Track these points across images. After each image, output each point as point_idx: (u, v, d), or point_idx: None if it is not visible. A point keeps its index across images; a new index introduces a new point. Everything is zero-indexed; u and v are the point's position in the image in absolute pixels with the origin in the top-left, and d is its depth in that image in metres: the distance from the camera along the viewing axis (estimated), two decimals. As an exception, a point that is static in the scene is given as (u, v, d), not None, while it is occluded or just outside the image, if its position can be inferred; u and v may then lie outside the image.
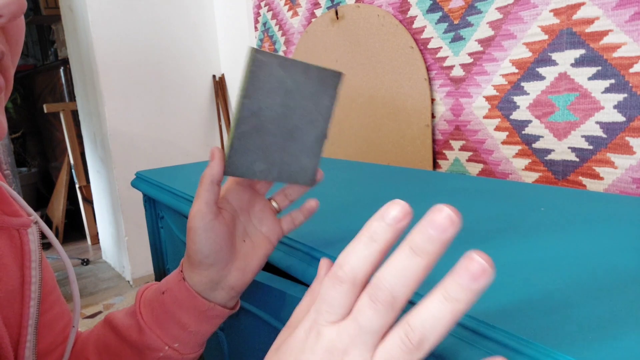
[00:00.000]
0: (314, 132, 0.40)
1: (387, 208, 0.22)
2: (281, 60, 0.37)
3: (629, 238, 0.43)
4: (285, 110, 0.38)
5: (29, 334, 0.38)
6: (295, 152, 0.39)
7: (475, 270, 0.20)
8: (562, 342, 0.27)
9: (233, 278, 0.40)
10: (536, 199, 0.58)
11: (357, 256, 0.23)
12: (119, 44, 1.99)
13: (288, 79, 0.37)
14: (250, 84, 0.36)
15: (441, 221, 0.21)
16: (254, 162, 0.38)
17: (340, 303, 0.24)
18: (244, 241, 0.41)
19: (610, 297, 0.32)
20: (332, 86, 0.39)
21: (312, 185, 0.42)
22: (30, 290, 0.39)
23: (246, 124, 0.37)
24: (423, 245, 0.21)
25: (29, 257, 0.39)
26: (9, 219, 0.38)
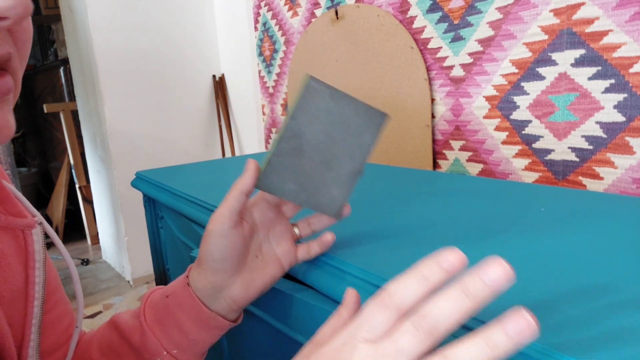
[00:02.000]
0: (350, 166, 0.40)
1: (446, 254, 0.24)
2: (333, 92, 0.39)
3: (629, 238, 0.43)
4: (327, 140, 0.39)
5: (33, 333, 0.39)
6: (328, 182, 0.40)
7: (522, 326, 0.21)
8: (562, 341, 0.27)
9: (236, 290, 0.40)
10: (536, 199, 0.58)
11: (408, 289, 0.25)
12: (119, 44, 1.99)
13: (335, 110, 0.39)
14: (299, 107, 0.38)
15: (497, 275, 0.22)
16: (286, 182, 0.39)
17: (382, 327, 0.25)
18: (256, 257, 0.41)
19: (611, 297, 0.32)
20: (377, 125, 0.41)
21: (337, 218, 0.42)
22: (34, 290, 0.39)
23: (287, 144, 0.38)
24: (474, 290, 0.23)
25: (33, 257, 0.39)
26: (13, 219, 0.38)
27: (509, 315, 0.22)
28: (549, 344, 0.27)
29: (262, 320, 0.51)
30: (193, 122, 2.23)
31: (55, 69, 2.92)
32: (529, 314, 0.21)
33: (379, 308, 0.25)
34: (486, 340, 0.22)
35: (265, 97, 1.93)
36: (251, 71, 1.98)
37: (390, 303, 0.25)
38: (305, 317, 0.45)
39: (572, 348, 0.26)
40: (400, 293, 0.25)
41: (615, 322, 0.29)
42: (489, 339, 0.22)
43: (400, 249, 0.44)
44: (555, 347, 0.26)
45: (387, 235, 0.48)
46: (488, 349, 0.22)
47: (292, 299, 0.46)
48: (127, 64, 2.02)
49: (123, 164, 2.04)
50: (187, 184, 0.81)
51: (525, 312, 0.21)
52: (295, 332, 0.47)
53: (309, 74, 0.38)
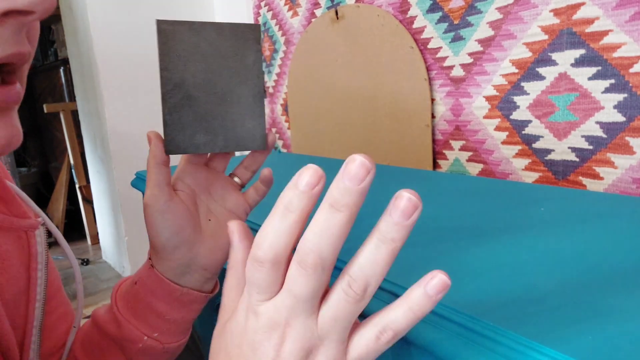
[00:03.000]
0: (249, 91, 0.38)
1: (300, 175, 0.22)
2: (189, 25, 0.36)
3: (629, 238, 0.43)
4: (209, 75, 0.36)
5: (34, 335, 0.38)
6: (235, 117, 0.37)
7: (406, 207, 0.21)
8: (562, 341, 0.27)
9: (203, 259, 0.39)
10: (536, 199, 0.58)
11: (275, 232, 0.22)
12: (119, 44, 1.99)
13: (202, 43, 0.36)
14: (164, 55, 0.35)
15: (356, 171, 0.20)
16: (194, 135, 0.36)
17: (267, 283, 0.23)
18: (209, 220, 0.40)
19: (611, 297, 0.32)
20: (253, 40, 0.37)
21: (264, 148, 0.39)
22: (36, 292, 0.39)
23: (173, 97, 0.36)
24: (342, 199, 0.21)
25: (35, 258, 0.39)
26: (17, 220, 0.38)
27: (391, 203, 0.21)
28: (547, 342, 0.27)
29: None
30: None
31: (55, 69, 2.92)
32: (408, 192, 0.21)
33: (254, 266, 0.23)
34: (380, 237, 0.22)
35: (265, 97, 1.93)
36: (251, 71, 1.97)
37: (262, 255, 0.23)
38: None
39: (573, 348, 0.26)
40: (268, 239, 0.22)
41: (615, 322, 0.29)
42: (382, 236, 0.22)
43: (400, 249, 0.44)
44: (555, 347, 0.26)
45: (387, 235, 0.48)
46: (384, 245, 0.22)
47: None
48: (127, 64, 2.02)
49: (123, 164, 2.04)
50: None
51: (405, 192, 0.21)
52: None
53: (157, 19, 0.35)
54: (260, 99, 0.38)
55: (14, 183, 0.40)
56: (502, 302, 0.32)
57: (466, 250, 0.43)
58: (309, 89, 1.58)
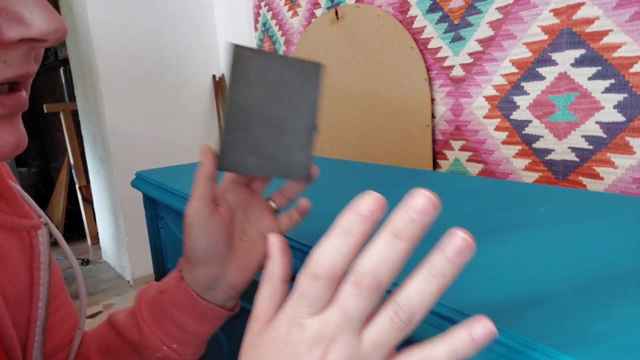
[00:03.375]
0: (303, 124, 0.39)
1: (362, 200, 0.23)
2: (259, 54, 0.38)
3: (629, 238, 0.43)
4: (270, 103, 0.38)
5: (37, 335, 0.39)
6: (286, 146, 0.39)
7: (460, 245, 0.21)
8: (562, 341, 0.27)
9: (232, 277, 0.40)
10: (536, 199, 0.58)
11: (334, 251, 0.23)
12: (119, 44, 1.99)
13: (269, 72, 0.38)
14: (233, 78, 0.37)
15: (423, 205, 0.21)
16: (245, 156, 0.38)
17: (319, 298, 0.24)
18: (242, 240, 0.41)
19: (611, 297, 0.32)
20: (314, 77, 0.39)
21: (307, 180, 0.40)
22: (39, 292, 0.39)
23: (234, 119, 0.38)
24: (404, 229, 0.22)
25: (38, 258, 0.39)
26: (20, 220, 0.38)
27: (445, 239, 0.22)
28: (548, 342, 0.27)
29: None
30: (193, 122, 2.23)
31: (55, 69, 2.92)
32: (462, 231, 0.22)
33: (310, 280, 0.24)
34: (430, 271, 0.22)
35: (265, 97, 1.93)
36: (251, 71, 1.97)
37: (320, 271, 0.23)
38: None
39: (572, 348, 0.26)
40: (327, 257, 0.23)
41: (615, 322, 0.29)
42: (434, 270, 0.22)
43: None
44: (555, 347, 0.26)
45: (387, 235, 0.48)
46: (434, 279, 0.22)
47: (292, 299, 0.46)
48: (127, 64, 2.02)
49: (123, 164, 2.04)
50: (187, 184, 0.81)
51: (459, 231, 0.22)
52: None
53: (232, 42, 0.37)
54: (312, 133, 0.40)
55: (17, 184, 0.41)
56: (502, 302, 0.32)
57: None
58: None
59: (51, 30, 0.25)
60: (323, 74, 0.40)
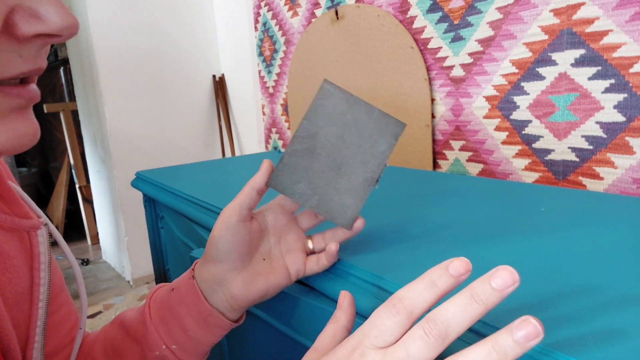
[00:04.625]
0: (364, 173, 0.40)
1: (452, 262, 0.25)
2: (347, 96, 0.39)
3: (629, 238, 0.43)
4: (340, 143, 0.39)
5: (37, 335, 0.39)
6: (340, 188, 0.40)
7: (531, 332, 0.22)
8: (562, 341, 0.27)
9: (236, 287, 0.40)
10: (536, 199, 0.58)
11: (418, 294, 0.25)
12: (119, 44, 1.99)
13: (349, 114, 0.39)
14: (313, 109, 0.39)
15: (504, 278, 0.23)
16: (297, 183, 0.39)
17: (392, 332, 0.25)
18: (263, 259, 0.41)
19: (611, 297, 0.32)
20: (392, 134, 0.40)
21: (348, 228, 0.40)
22: (39, 292, 0.39)
23: (300, 144, 0.39)
24: (483, 294, 0.23)
25: (38, 259, 0.39)
26: (19, 221, 0.38)
27: (516, 321, 0.22)
28: (548, 343, 0.27)
29: (263, 320, 0.51)
30: (193, 122, 2.23)
31: (55, 69, 2.92)
32: (535, 319, 0.22)
33: (389, 313, 0.26)
34: (494, 345, 0.23)
35: (265, 97, 1.93)
36: (251, 71, 1.98)
37: (401, 308, 0.25)
38: (306, 318, 0.45)
39: (571, 347, 0.26)
40: (410, 298, 0.25)
41: (616, 322, 0.29)
42: (498, 345, 0.22)
43: (400, 249, 0.44)
44: (555, 347, 0.26)
45: (387, 235, 0.48)
46: (496, 354, 0.22)
47: (293, 300, 0.46)
48: (127, 64, 2.02)
49: (123, 164, 2.04)
50: (187, 184, 0.81)
51: (532, 318, 0.22)
52: (295, 332, 0.47)
53: (325, 78, 0.39)
54: (369, 185, 0.40)
55: (16, 184, 0.40)
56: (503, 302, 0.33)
57: (466, 250, 0.43)
58: (309, 89, 1.58)
59: (66, 25, 0.25)
60: (402, 133, 0.40)
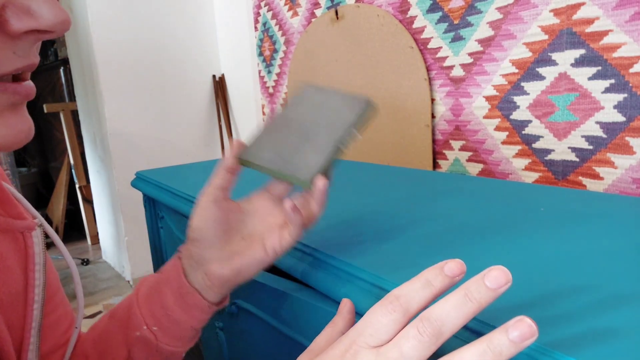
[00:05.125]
0: (328, 136, 0.41)
1: (447, 263, 0.26)
2: (322, 88, 0.44)
3: (629, 238, 0.43)
4: (309, 118, 0.43)
5: (32, 336, 0.38)
6: (306, 151, 0.41)
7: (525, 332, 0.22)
8: (561, 341, 0.27)
9: (209, 265, 0.40)
10: (536, 199, 0.58)
11: (414, 292, 0.26)
12: (119, 44, 1.99)
13: (321, 98, 0.43)
14: (292, 101, 0.44)
15: (497, 277, 0.24)
16: (264, 151, 0.41)
17: (387, 330, 0.25)
18: (242, 238, 0.41)
19: (611, 297, 0.32)
20: (360, 107, 0.42)
21: (309, 183, 0.39)
22: (34, 293, 0.39)
23: (274, 125, 0.42)
24: (477, 293, 0.24)
25: (32, 260, 0.39)
26: (13, 221, 0.38)
27: (511, 321, 0.23)
28: (548, 342, 0.27)
29: (262, 319, 0.51)
30: (193, 122, 2.23)
31: (55, 69, 2.92)
32: (530, 319, 0.22)
33: (385, 311, 0.26)
34: (489, 344, 0.23)
35: (265, 97, 1.93)
36: (251, 71, 1.98)
37: (397, 305, 0.25)
38: (305, 317, 0.45)
39: (570, 346, 0.26)
40: (406, 296, 0.25)
41: (615, 322, 0.29)
42: (493, 344, 0.23)
43: (400, 249, 0.44)
44: (555, 347, 0.26)
45: (387, 235, 0.48)
46: (491, 353, 0.22)
47: (292, 299, 0.46)
48: (127, 64, 2.02)
49: (123, 164, 2.04)
50: (187, 184, 0.81)
51: (527, 318, 0.22)
52: (294, 332, 0.47)
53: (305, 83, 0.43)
54: (334, 145, 0.40)
55: (10, 184, 0.40)
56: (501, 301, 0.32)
57: (466, 250, 0.43)
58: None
59: (58, 21, 0.25)
60: (371, 109, 0.42)
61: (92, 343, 0.45)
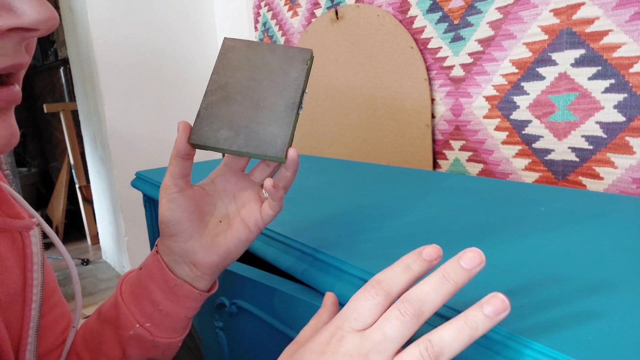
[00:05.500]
0: (283, 101, 0.39)
1: (426, 248, 0.27)
2: (249, 43, 0.40)
3: (629, 238, 0.43)
4: (251, 83, 0.39)
5: (30, 336, 0.38)
6: (263, 121, 0.38)
7: (499, 307, 0.24)
8: (562, 341, 0.27)
9: (195, 255, 0.40)
10: (536, 199, 0.58)
11: (394, 276, 0.27)
12: (119, 44, 1.99)
13: (254, 57, 0.40)
14: (219, 63, 0.40)
15: (471, 258, 0.25)
16: (219, 130, 0.38)
17: (370, 313, 0.26)
18: (219, 221, 0.41)
19: (611, 297, 0.32)
20: (300, 60, 0.40)
21: (283, 159, 0.38)
22: (32, 293, 0.39)
23: (213, 96, 0.39)
24: (453, 274, 0.25)
25: (30, 259, 0.39)
26: (11, 221, 0.38)
27: (486, 298, 0.24)
28: (548, 343, 0.27)
29: (262, 320, 0.51)
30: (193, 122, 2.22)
31: (55, 69, 2.92)
32: (503, 295, 0.24)
33: (368, 295, 0.27)
34: (466, 320, 0.24)
35: (265, 97, 1.93)
36: (251, 71, 1.97)
37: (379, 289, 0.27)
38: (305, 317, 0.45)
39: (572, 348, 0.26)
40: (387, 280, 0.27)
41: (615, 322, 0.29)
42: (469, 320, 0.24)
43: (399, 249, 0.44)
44: (555, 347, 0.26)
45: (387, 236, 0.48)
46: (468, 328, 0.24)
47: (292, 299, 0.46)
48: (127, 64, 2.02)
49: (123, 164, 2.04)
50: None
51: (500, 294, 0.24)
52: (294, 331, 0.47)
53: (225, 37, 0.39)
54: (291, 110, 0.39)
55: (7, 184, 0.40)
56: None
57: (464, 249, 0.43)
58: (309, 88, 1.58)
59: (41, 19, 0.24)
60: (310, 58, 0.40)
61: (82, 342, 0.45)
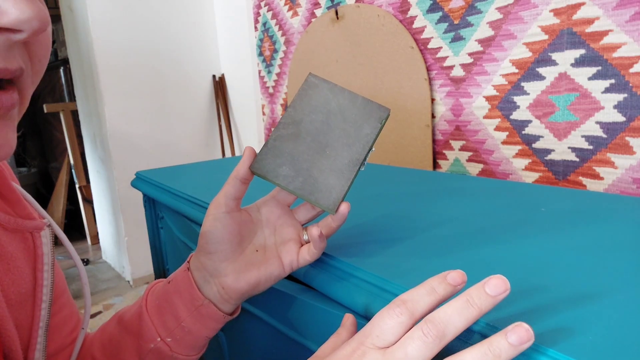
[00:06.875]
0: (348, 154, 0.40)
1: (450, 272, 0.28)
2: (331, 86, 0.41)
3: (629, 238, 0.43)
4: (324, 127, 0.40)
5: (40, 336, 0.38)
6: (324, 169, 0.39)
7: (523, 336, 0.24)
8: (562, 341, 0.27)
9: (225, 278, 0.40)
10: (536, 199, 0.58)
11: (420, 298, 0.27)
12: (119, 44, 1.99)
13: (333, 102, 0.41)
14: (298, 98, 0.41)
15: (497, 285, 0.25)
16: (281, 166, 0.39)
17: (393, 332, 0.27)
18: (256, 251, 0.41)
19: (611, 297, 0.32)
20: (376, 118, 0.41)
21: (333, 210, 0.39)
22: (42, 293, 0.39)
23: (285, 129, 0.40)
24: (477, 299, 0.25)
25: (41, 260, 0.39)
26: (22, 221, 0.38)
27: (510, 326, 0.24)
28: (548, 343, 0.27)
29: (262, 320, 0.51)
30: (193, 122, 2.23)
31: (55, 69, 2.92)
32: (527, 325, 0.24)
33: (392, 314, 0.27)
34: (490, 347, 0.24)
35: (265, 97, 1.93)
36: (251, 71, 1.98)
37: (404, 309, 0.27)
38: (306, 318, 0.45)
39: (572, 348, 0.26)
40: (412, 300, 0.27)
41: (616, 322, 0.29)
42: (492, 346, 0.24)
43: (400, 249, 0.44)
44: (554, 347, 0.26)
45: (387, 236, 0.48)
46: (492, 355, 0.24)
47: (293, 300, 0.46)
48: (127, 64, 2.02)
49: (123, 164, 2.04)
50: (187, 184, 0.81)
51: (524, 324, 0.24)
52: (295, 332, 0.47)
53: (311, 72, 0.40)
54: (354, 165, 0.40)
55: (19, 184, 0.40)
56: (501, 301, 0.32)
57: (466, 250, 0.43)
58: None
59: (24, 18, 0.22)
60: (386, 117, 0.41)
61: (100, 347, 0.45)
